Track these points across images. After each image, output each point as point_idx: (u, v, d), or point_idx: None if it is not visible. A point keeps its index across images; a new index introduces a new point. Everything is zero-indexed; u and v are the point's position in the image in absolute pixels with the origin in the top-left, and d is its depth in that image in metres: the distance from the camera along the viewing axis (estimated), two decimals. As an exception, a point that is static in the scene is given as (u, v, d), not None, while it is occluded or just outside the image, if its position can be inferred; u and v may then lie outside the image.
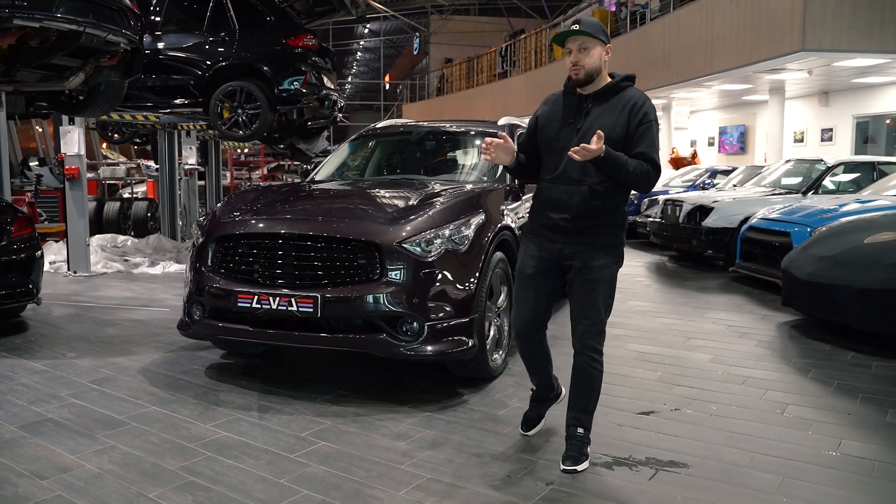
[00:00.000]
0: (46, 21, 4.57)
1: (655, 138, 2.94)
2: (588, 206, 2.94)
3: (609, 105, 2.97)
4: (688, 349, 5.05)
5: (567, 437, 3.06)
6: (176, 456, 3.13)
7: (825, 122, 15.55)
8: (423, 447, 3.25)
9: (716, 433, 3.46)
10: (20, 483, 2.85)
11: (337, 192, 4.69)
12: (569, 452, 3.01)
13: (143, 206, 11.33)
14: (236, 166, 19.01)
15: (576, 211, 2.95)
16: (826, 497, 2.82)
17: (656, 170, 2.92)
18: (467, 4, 33.74)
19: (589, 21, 3.01)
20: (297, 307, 3.70)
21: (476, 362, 4.02)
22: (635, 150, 2.89)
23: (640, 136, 2.90)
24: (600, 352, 3.03)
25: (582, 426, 3.04)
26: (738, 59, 11.60)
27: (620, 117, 2.93)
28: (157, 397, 3.93)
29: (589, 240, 2.97)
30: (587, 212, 2.95)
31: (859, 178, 9.37)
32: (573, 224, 2.97)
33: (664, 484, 2.90)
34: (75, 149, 7.93)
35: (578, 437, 3.03)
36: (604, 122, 2.92)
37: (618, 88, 3.00)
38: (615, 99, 2.97)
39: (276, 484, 2.86)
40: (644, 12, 15.55)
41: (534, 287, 3.09)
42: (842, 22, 10.24)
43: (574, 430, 3.04)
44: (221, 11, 8.56)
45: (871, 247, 5.30)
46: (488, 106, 24.93)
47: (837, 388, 4.19)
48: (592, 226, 2.97)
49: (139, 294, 7.11)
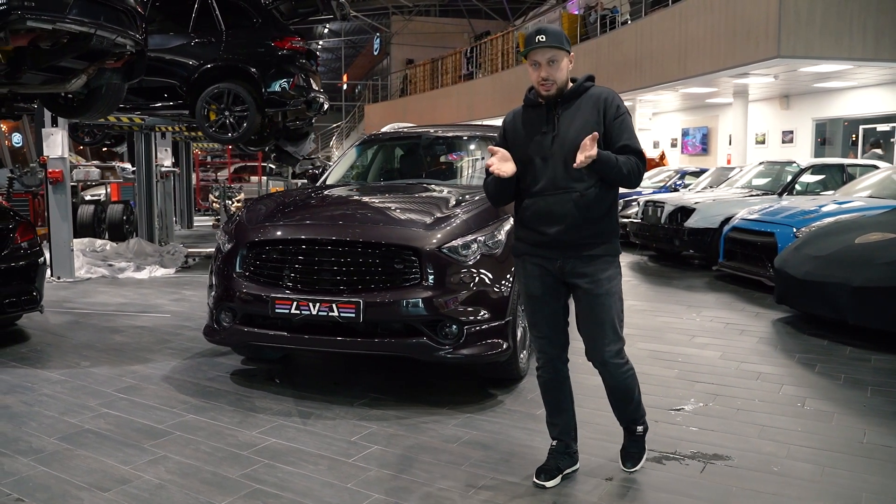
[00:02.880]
0: (59, 23, 4.48)
1: (633, 129, 2.88)
2: (581, 213, 2.80)
3: (577, 107, 2.86)
4: (695, 347, 5.23)
5: (626, 435, 3.07)
6: (233, 464, 3.13)
7: (786, 124, 16.12)
8: (475, 448, 3.32)
9: (747, 427, 3.61)
10: (83, 496, 2.82)
11: (364, 198, 4.71)
12: (629, 450, 3.04)
13: (119, 209, 11.08)
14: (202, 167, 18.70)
15: (570, 221, 2.81)
16: (865, 483, 2.98)
17: (643, 161, 2.84)
18: (428, 5, 33.80)
19: (554, 31, 2.86)
20: (338, 312, 3.72)
21: (508, 364, 4.10)
22: (618, 143, 2.80)
23: (619, 128, 2.82)
24: (623, 356, 2.91)
25: (637, 423, 3.04)
26: (712, 64, 11.97)
27: (593, 115, 2.83)
28: (190, 405, 3.90)
29: (590, 251, 2.84)
30: (581, 220, 2.81)
31: (827, 180, 9.79)
32: (570, 236, 2.83)
33: (716, 476, 3.03)
34: (59, 151, 7.73)
35: (638, 434, 3.05)
36: (577, 124, 2.82)
37: (582, 89, 2.90)
38: (581, 100, 2.88)
39: (343, 489, 2.89)
40: (614, 17, 15.86)
41: (547, 305, 2.94)
42: (813, 30, 10.68)
43: (634, 427, 3.05)
44: (207, 13, 8.46)
45: (862, 247, 5.57)
46: (454, 107, 25.05)
47: (846, 381, 4.40)
48: (589, 235, 2.83)
49: (133, 300, 6.98)
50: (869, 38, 11.02)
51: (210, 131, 8.40)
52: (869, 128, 15.19)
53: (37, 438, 3.41)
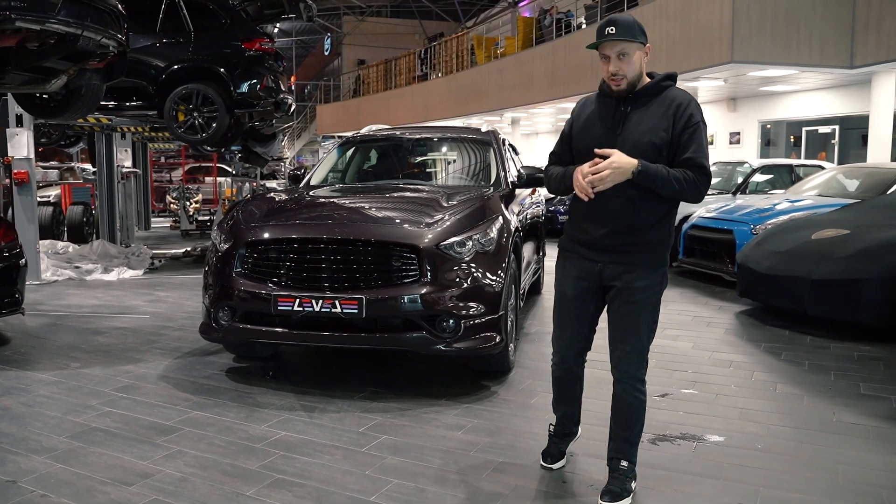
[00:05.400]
0: (47, 24, 4.46)
1: (704, 142, 2.66)
2: (629, 219, 2.68)
3: (649, 108, 2.69)
4: (668, 338, 5.50)
5: (610, 470, 2.81)
6: (250, 456, 3.22)
7: (733, 126, 16.79)
8: (480, 434, 3.49)
9: (728, 410, 3.88)
10: (108, 491, 2.87)
11: (360, 198, 4.81)
12: (609, 486, 2.76)
13: (79, 210, 10.86)
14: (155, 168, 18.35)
15: (616, 225, 2.70)
16: (841, 456, 3.26)
17: (706, 177, 2.63)
18: (380, 6, 33.83)
19: (625, 21, 2.67)
20: (341, 309, 3.84)
21: (500, 356, 4.28)
22: (682, 155, 2.63)
23: (687, 140, 2.63)
24: (642, 380, 2.78)
25: (626, 458, 2.79)
26: (668, 68, 12.33)
27: (663, 121, 2.65)
28: (193, 402, 3.95)
29: (632, 259, 2.71)
30: (628, 226, 2.69)
31: (776, 179, 10.31)
32: (613, 241, 2.71)
33: (707, 454, 3.27)
34: (24, 152, 7.59)
35: (622, 470, 2.77)
36: (644, 126, 2.67)
37: (658, 89, 2.71)
38: (656, 101, 2.70)
39: (363, 476, 3.02)
40: (569, 20, 16.24)
41: (576, 309, 2.86)
42: (764, 36, 11.23)
43: (617, 462, 2.79)
44: (175, 13, 8.41)
45: (818, 242, 5.95)
46: (408, 108, 25.17)
47: (810, 367, 4.73)
48: (635, 243, 2.70)
49: (107, 301, 6.91)
50: (815, 44, 11.65)
51: (179, 132, 8.36)
52: (811, 129, 15.96)
53: (46, 437, 3.43)
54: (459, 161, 5.83)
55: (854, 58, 11.96)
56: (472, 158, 5.76)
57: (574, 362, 2.97)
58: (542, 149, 26.22)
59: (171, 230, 14.56)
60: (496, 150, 5.55)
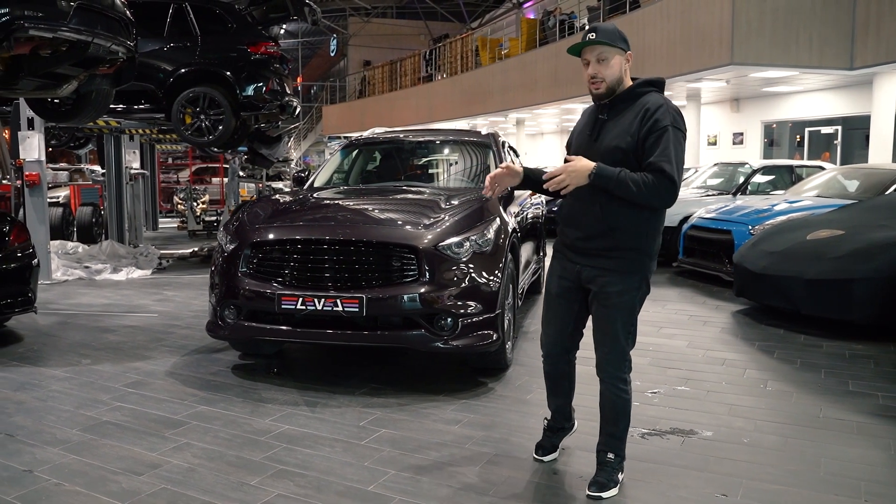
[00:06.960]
0: (59, 31, 4.62)
1: (670, 147, 2.64)
2: (603, 224, 2.74)
3: (624, 114, 2.76)
4: (664, 337, 5.62)
5: (597, 463, 2.94)
6: (254, 449, 3.36)
7: (736, 126, 16.87)
8: (476, 429, 3.61)
9: (718, 406, 3.99)
10: (120, 480, 3.02)
11: (361, 200, 4.94)
12: (596, 477, 2.89)
13: (88, 211, 11.04)
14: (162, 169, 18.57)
15: (590, 230, 2.79)
16: (824, 450, 3.38)
17: (669, 181, 2.61)
18: (385, 7, 34.01)
19: (605, 28, 2.79)
20: (342, 307, 3.97)
21: (497, 354, 4.41)
22: (646, 160, 2.66)
23: (652, 145, 2.66)
24: (624, 378, 2.87)
25: (612, 451, 2.92)
26: (668, 69, 12.52)
27: (632, 126, 2.71)
28: (200, 398, 4.10)
29: (606, 263, 2.78)
30: (602, 231, 2.76)
31: (777, 180, 10.40)
32: (587, 245, 2.82)
33: (694, 448, 3.39)
34: (35, 154, 7.76)
35: (608, 462, 2.91)
36: (616, 132, 2.74)
37: (634, 95, 2.78)
38: (632, 107, 2.75)
39: (362, 467, 3.15)
40: (572, 22, 16.35)
41: (560, 307, 2.98)
42: (764, 39, 11.34)
43: (604, 455, 2.92)
44: (182, 18, 8.58)
45: (812, 243, 6.05)
46: (413, 109, 25.33)
47: (802, 365, 4.84)
48: (610, 248, 2.76)
49: (117, 301, 7.07)
50: (814, 46, 11.74)
51: (186, 134, 8.53)
52: (813, 130, 16.02)
53: (59, 430, 3.57)
54: (460, 163, 5.96)
55: (854, 59, 12.04)
56: (472, 160, 5.89)
57: (560, 359, 3.08)
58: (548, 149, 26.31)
59: (178, 230, 14.75)
60: (496, 152, 5.68)
